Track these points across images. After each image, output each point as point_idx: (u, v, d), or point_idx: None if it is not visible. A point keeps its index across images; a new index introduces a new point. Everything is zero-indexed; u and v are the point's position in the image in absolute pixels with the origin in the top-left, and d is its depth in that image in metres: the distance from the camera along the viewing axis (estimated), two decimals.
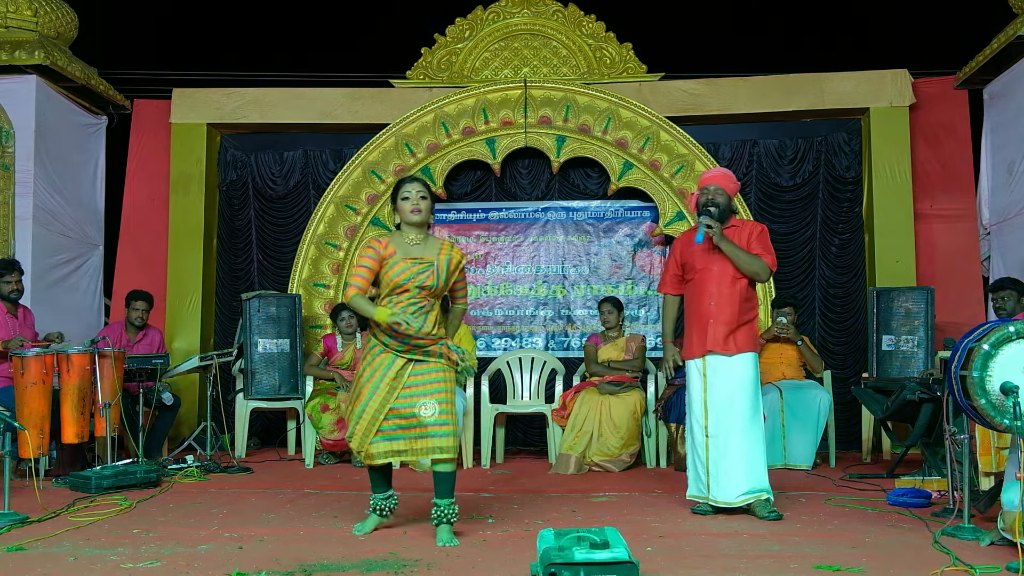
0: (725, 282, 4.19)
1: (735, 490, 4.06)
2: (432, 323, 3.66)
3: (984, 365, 3.21)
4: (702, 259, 4.24)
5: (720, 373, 4.16)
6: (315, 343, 6.69)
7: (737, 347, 4.16)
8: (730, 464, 4.08)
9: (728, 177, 4.35)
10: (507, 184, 7.46)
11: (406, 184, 3.75)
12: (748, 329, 4.22)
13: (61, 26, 6.85)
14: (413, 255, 3.66)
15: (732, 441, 4.09)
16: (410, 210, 3.68)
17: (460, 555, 3.33)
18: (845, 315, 7.10)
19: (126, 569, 3.11)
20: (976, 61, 6.66)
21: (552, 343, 7.38)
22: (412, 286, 3.62)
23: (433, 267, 3.65)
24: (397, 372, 3.63)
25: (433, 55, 7.39)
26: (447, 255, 3.71)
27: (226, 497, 4.68)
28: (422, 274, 3.62)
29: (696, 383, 4.24)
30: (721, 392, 4.15)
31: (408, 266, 3.62)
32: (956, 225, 7.00)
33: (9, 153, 6.49)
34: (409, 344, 3.62)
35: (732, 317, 4.17)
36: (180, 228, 7.27)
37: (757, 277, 4.22)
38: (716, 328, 4.16)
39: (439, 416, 3.60)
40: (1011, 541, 3.19)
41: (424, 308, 3.65)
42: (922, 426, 5.00)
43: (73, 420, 4.90)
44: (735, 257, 4.15)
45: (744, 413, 4.12)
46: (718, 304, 4.18)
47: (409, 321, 3.55)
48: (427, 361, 3.66)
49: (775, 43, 7.89)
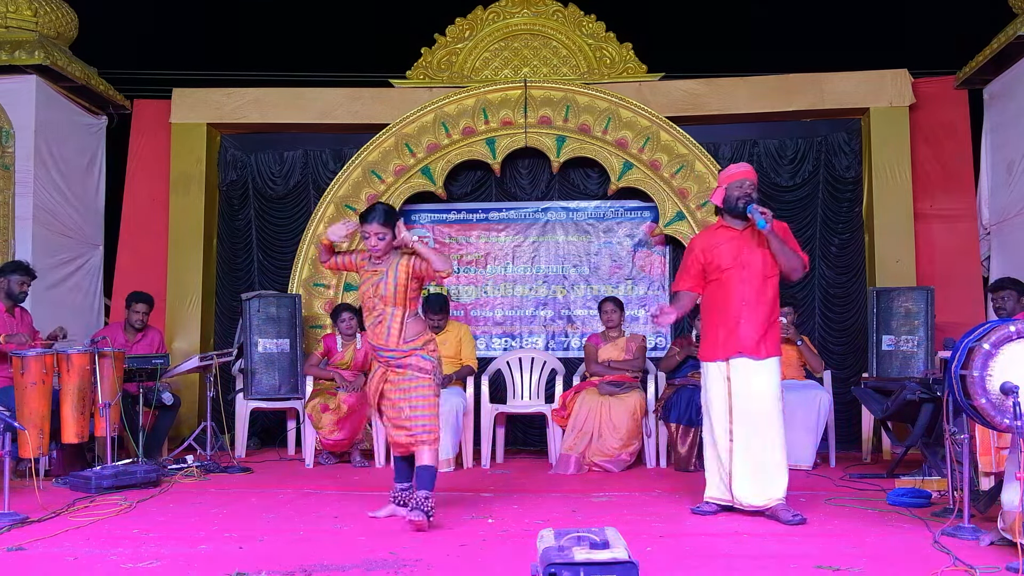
0: (755, 282, 4.05)
1: (762, 494, 3.98)
2: (396, 335, 3.98)
3: (984, 365, 3.21)
4: (730, 258, 4.09)
5: (747, 377, 4.03)
6: (315, 343, 6.69)
7: (767, 351, 4.04)
8: (757, 468, 3.98)
9: (754, 174, 4.26)
10: (507, 184, 7.46)
11: (365, 224, 3.98)
12: (775, 332, 4.11)
13: (61, 26, 6.85)
14: (373, 268, 4.04)
15: (760, 446, 3.99)
16: (370, 248, 4.02)
17: (460, 555, 3.33)
18: (845, 315, 7.10)
19: (126, 569, 3.11)
20: (976, 61, 6.66)
21: (552, 343, 7.37)
22: (372, 295, 4.00)
23: (384, 276, 3.98)
24: (379, 378, 4.06)
25: (433, 55, 7.39)
26: (397, 262, 3.99)
27: (226, 497, 4.68)
28: (380, 283, 3.98)
29: (719, 387, 4.10)
30: (748, 397, 4.01)
31: (368, 276, 4.04)
32: (956, 225, 6.99)
33: (9, 153, 6.49)
34: (381, 356, 4.03)
35: (763, 319, 4.04)
36: (180, 228, 7.26)
37: (795, 273, 4.07)
38: (747, 330, 4.02)
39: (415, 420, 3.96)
40: (1011, 541, 3.19)
41: (383, 318, 3.99)
42: (922, 426, 5.00)
43: (73, 420, 4.90)
44: (781, 251, 4.00)
45: (772, 418, 4.01)
46: (748, 305, 4.04)
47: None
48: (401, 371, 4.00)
49: (775, 43, 7.89)
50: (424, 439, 3.94)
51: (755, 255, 4.08)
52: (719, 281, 4.14)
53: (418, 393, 3.99)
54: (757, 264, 4.06)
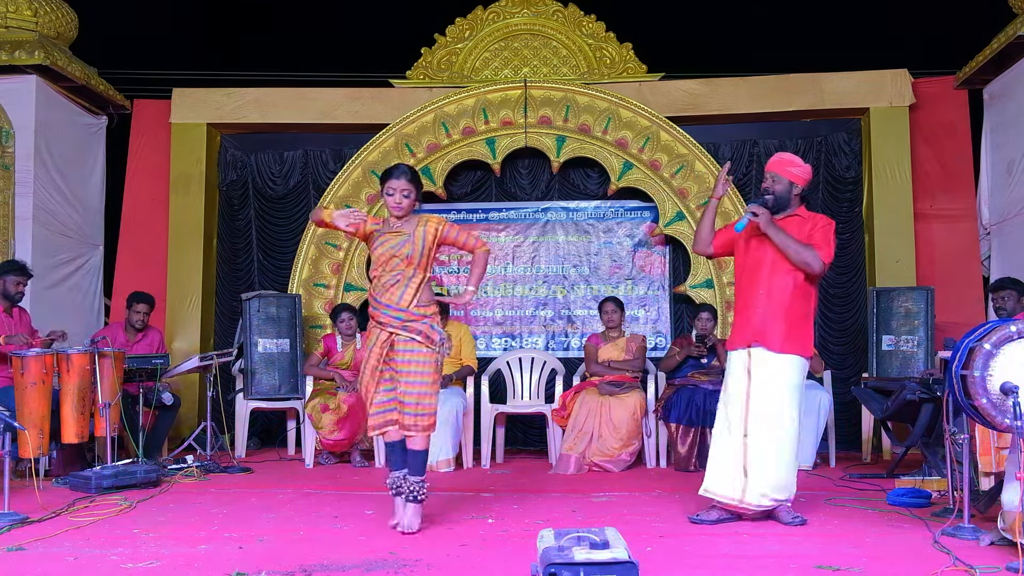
0: (778, 272, 3.98)
1: (765, 495, 3.91)
2: (410, 298, 3.82)
3: (985, 365, 3.21)
4: (757, 246, 4.03)
5: (765, 370, 3.93)
6: (315, 343, 6.69)
7: (783, 346, 3.91)
8: (764, 468, 3.89)
9: (788, 163, 4.11)
10: (507, 184, 7.46)
11: (391, 180, 3.90)
12: (802, 329, 3.97)
13: (61, 26, 6.85)
14: (394, 230, 3.91)
15: (768, 445, 3.90)
16: (392, 206, 3.90)
17: (460, 555, 3.33)
18: (845, 315, 7.10)
19: (126, 569, 3.11)
20: (976, 61, 6.65)
21: (552, 343, 7.37)
22: (391, 256, 3.85)
23: (410, 237, 3.86)
24: (382, 344, 3.85)
25: (433, 55, 7.39)
26: (423, 226, 3.89)
27: (226, 497, 4.68)
28: (403, 245, 3.84)
29: (739, 378, 4.00)
30: (764, 392, 3.93)
31: (388, 239, 3.88)
32: (956, 225, 7.00)
33: (9, 153, 6.49)
34: (389, 316, 3.81)
35: (782, 310, 3.94)
36: (180, 228, 7.26)
37: (808, 267, 3.95)
38: (765, 320, 3.95)
39: (409, 396, 3.80)
40: (1011, 541, 3.19)
41: (401, 279, 3.83)
42: (922, 426, 5.00)
43: (73, 420, 4.90)
44: (784, 245, 3.93)
45: (785, 419, 3.93)
46: (767, 294, 3.98)
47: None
48: (407, 338, 3.81)
49: (775, 43, 7.89)
50: (421, 424, 3.79)
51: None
52: (746, 269, 4.10)
53: (419, 370, 3.80)
54: (781, 256, 3.98)
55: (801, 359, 3.98)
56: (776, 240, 3.98)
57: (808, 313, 4.06)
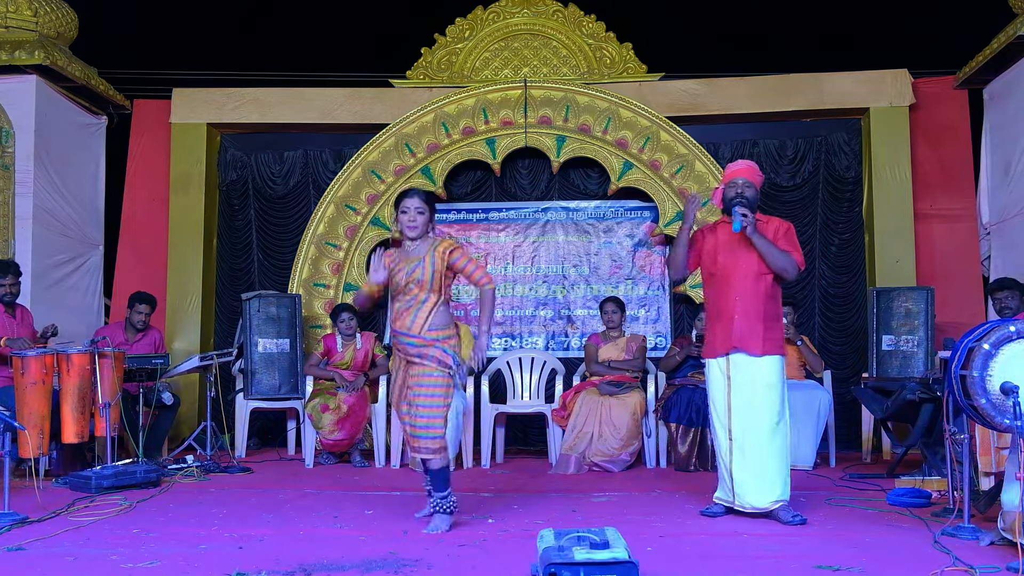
0: (750, 278, 4.07)
1: (761, 496, 3.97)
2: (422, 322, 3.87)
3: (984, 365, 3.21)
4: (726, 253, 4.13)
5: (745, 374, 4.04)
6: (315, 343, 6.69)
7: (763, 348, 4.03)
8: (755, 469, 3.97)
9: (754, 170, 4.25)
10: (507, 184, 7.46)
11: (405, 199, 3.99)
12: (775, 329, 4.10)
13: (61, 26, 6.85)
14: (408, 255, 3.97)
15: (756, 446, 3.98)
16: (407, 225, 3.96)
17: (460, 555, 3.33)
18: (845, 315, 7.10)
19: (126, 569, 3.11)
20: (976, 61, 6.66)
21: (552, 343, 7.37)
22: (406, 281, 3.91)
23: (421, 262, 3.91)
24: (404, 369, 3.97)
25: (433, 55, 7.39)
26: (433, 248, 3.94)
27: (226, 497, 4.68)
28: (415, 270, 3.89)
29: (719, 384, 4.12)
30: (746, 394, 4.02)
31: (403, 266, 3.95)
32: (956, 225, 7.00)
33: (9, 153, 6.49)
34: (403, 343, 3.92)
35: (758, 314, 4.04)
36: (180, 228, 7.26)
37: (786, 274, 4.07)
38: (742, 325, 4.04)
39: (419, 420, 3.85)
40: (1011, 541, 3.19)
41: (414, 304, 3.89)
42: (922, 426, 5.00)
43: (73, 420, 4.90)
44: (767, 252, 4.02)
45: (769, 418, 4.00)
46: (743, 300, 4.06)
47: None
48: (421, 364, 3.87)
49: (775, 43, 7.89)
50: (431, 447, 3.83)
51: (752, 252, 4.09)
52: (716, 277, 4.18)
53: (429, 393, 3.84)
54: (753, 261, 4.08)
55: (780, 358, 4.11)
56: (759, 246, 4.07)
57: (779, 313, 4.23)
